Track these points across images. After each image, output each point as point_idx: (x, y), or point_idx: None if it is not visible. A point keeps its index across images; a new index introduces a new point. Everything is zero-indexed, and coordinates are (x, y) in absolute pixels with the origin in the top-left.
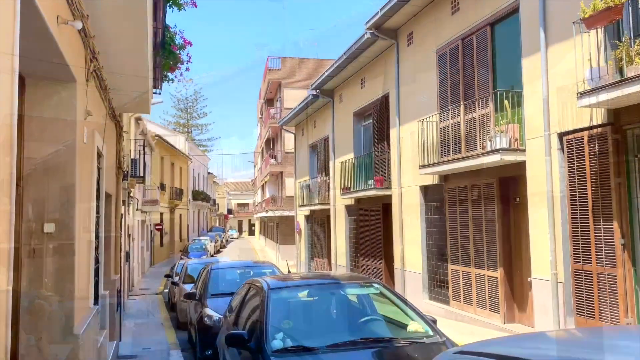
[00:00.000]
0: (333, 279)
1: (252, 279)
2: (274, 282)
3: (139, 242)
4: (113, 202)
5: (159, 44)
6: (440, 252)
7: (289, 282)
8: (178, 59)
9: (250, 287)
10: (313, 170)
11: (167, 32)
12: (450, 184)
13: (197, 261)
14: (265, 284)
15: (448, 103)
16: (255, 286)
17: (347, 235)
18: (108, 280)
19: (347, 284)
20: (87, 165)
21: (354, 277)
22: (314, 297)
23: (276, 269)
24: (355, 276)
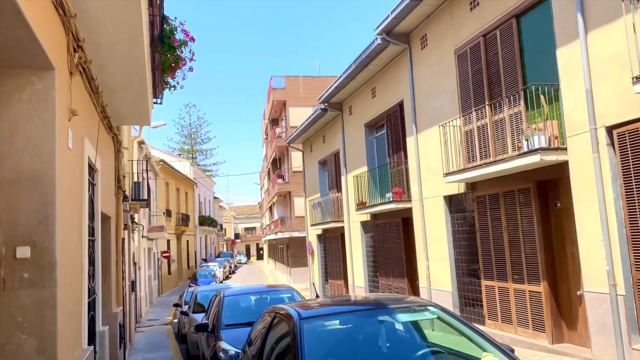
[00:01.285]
0: (377, 304)
1: (275, 306)
2: (305, 310)
3: (145, 271)
4: (113, 224)
5: (157, 38)
6: (471, 267)
7: (323, 308)
8: (179, 57)
9: (274, 316)
10: (324, 187)
11: (166, 23)
12: (478, 192)
13: (207, 288)
14: (294, 312)
15: (471, 105)
16: (281, 315)
17: (364, 253)
18: (108, 314)
19: (396, 309)
20: (73, 177)
21: (402, 300)
22: (356, 327)
23: (296, 293)
24: (403, 299)
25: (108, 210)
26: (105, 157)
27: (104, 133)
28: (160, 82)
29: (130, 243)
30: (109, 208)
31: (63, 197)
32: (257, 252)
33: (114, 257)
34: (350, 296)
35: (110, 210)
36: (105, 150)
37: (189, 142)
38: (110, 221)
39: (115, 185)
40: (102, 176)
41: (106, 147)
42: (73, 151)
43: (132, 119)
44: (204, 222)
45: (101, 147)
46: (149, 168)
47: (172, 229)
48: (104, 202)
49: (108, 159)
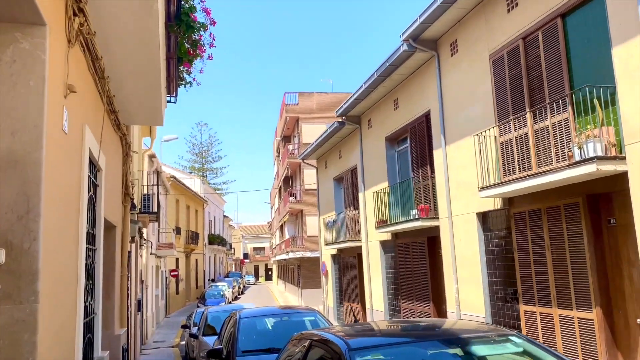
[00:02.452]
0: (444, 333)
1: (309, 332)
2: (354, 339)
3: (153, 290)
4: (118, 234)
5: (174, 15)
6: (508, 291)
7: (376, 337)
8: (197, 41)
9: (310, 344)
10: (339, 204)
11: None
12: (516, 208)
13: (219, 309)
14: (340, 341)
15: (509, 113)
16: (320, 344)
17: (384, 275)
18: (109, 337)
19: (471, 340)
20: (68, 168)
21: (474, 328)
22: None
23: (320, 315)
24: (476, 326)
25: (113, 218)
26: (111, 157)
27: (110, 130)
28: (175, 76)
29: (137, 259)
30: (114, 216)
31: (53, 190)
32: (265, 272)
33: (118, 272)
34: (403, 321)
35: (116, 219)
36: (112, 149)
37: (199, 161)
38: (115, 231)
39: (122, 191)
40: (107, 178)
41: (113, 147)
42: (69, 137)
43: (142, 118)
44: (214, 241)
45: (106, 144)
46: (160, 183)
47: (181, 247)
48: (109, 207)
49: (115, 160)
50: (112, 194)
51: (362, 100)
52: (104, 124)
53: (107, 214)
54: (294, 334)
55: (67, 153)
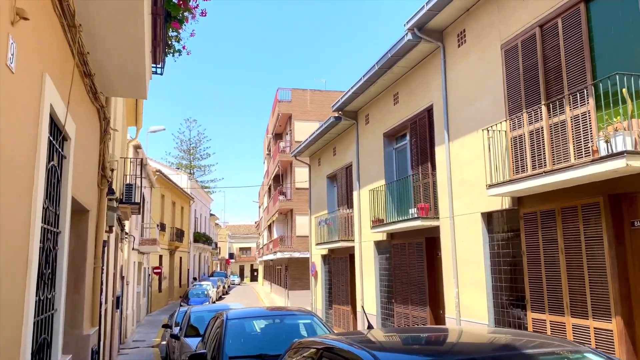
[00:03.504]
0: (503, 347)
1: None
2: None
3: (134, 287)
4: (92, 221)
5: None
6: (515, 297)
7: (415, 353)
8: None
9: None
10: (332, 203)
11: None
12: (527, 208)
13: (203, 308)
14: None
15: (522, 106)
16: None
17: (377, 277)
18: (76, 338)
19: (537, 357)
20: (14, 117)
21: (535, 341)
22: None
23: (317, 319)
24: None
25: (85, 200)
26: (84, 128)
27: (84, 96)
28: (163, 40)
29: (117, 253)
30: (86, 197)
31: None
32: (251, 273)
33: (90, 263)
34: (435, 329)
35: (89, 202)
36: (85, 119)
37: (187, 157)
38: (88, 216)
39: (98, 172)
40: (78, 151)
41: (87, 117)
42: (18, 79)
43: (123, 87)
44: (199, 239)
45: (78, 110)
46: (144, 175)
47: (166, 244)
48: (79, 186)
49: (89, 133)
50: (84, 172)
51: (360, 94)
52: (73, 81)
53: (77, 194)
54: (294, 341)
55: (13, 98)
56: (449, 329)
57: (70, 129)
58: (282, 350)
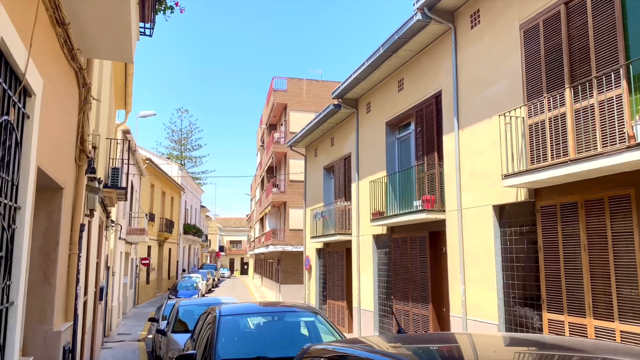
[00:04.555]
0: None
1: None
2: None
3: (120, 278)
4: (67, 200)
5: None
6: (529, 295)
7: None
8: None
9: None
10: (328, 195)
11: None
12: (545, 200)
13: (193, 302)
14: None
15: (542, 91)
16: None
17: (376, 272)
18: (45, 334)
19: None
20: None
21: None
22: None
23: (323, 318)
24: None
25: (57, 175)
26: (56, 88)
27: (55, 46)
28: None
29: (101, 241)
30: (59, 172)
31: None
32: (241, 266)
33: (65, 249)
34: (474, 336)
35: (63, 177)
36: (58, 79)
37: (178, 148)
38: (62, 194)
39: (76, 146)
40: (47, 114)
41: (60, 76)
42: None
43: (106, 48)
44: (189, 231)
45: (47, 63)
46: (134, 162)
47: (155, 235)
48: (49, 158)
49: (64, 96)
50: (56, 142)
51: (362, 80)
52: (38, 20)
53: (47, 166)
54: (308, 345)
55: None
56: (490, 335)
57: (34, 82)
58: (282, 352)
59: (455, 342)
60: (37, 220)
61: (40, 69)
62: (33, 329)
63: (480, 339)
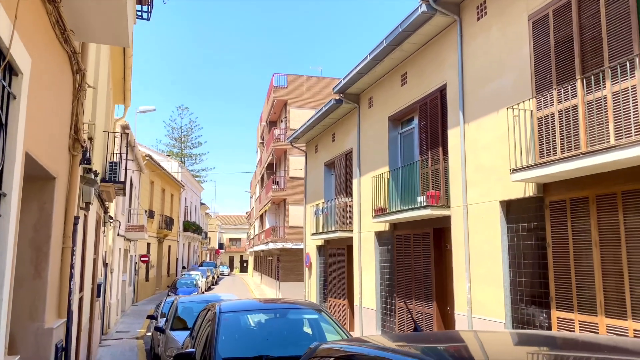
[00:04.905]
0: None
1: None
2: None
3: (119, 275)
4: (60, 191)
5: None
6: (537, 293)
7: None
8: None
9: None
10: (329, 192)
11: None
12: (554, 196)
13: (192, 299)
14: None
15: (551, 83)
16: None
17: (378, 269)
18: (36, 331)
19: None
20: None
21: None
22: None
23: (327, 315)
24: None
25: (49, 164)
26: (47, 70)
27: (45, 23)
28: None
29: (99, 236)
30: (51, 160)
31: None
32: (240, 264)
33: (57, 242)
34: (495, 333)
35: (55, 166)
36: (50, 60)
37: (178, 146)
38: (54, 184)
39: (70, 135)
40: (37, 96)
41: (52, 58)
42: None
43: (100, 30)
44: (189, 228)
45: (36, 41)
46: (132, 158)
47: (154, 232)
48: (40, 144)
49: (56, 80)
50: (48, 128)
51: (365, 74)
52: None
53: (37, 152)
54: (315, 344)
55: None
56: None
57: (21, 59)
58: (285, 351)
59: (466, 340)
60: (27, 211)
61: (29, 46)
62: (23, 326)
63: (490, 336)
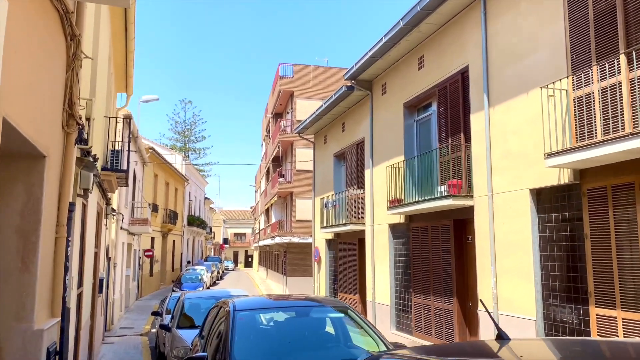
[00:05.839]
0: None
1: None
2: None
3: (122, 269)
4: (51, 172)
5: None
6: (572, 288)
7: None
8: None
9: None
10: (339, 184)
11: None
12: (593, 182)
13: (199, 295)
14: None
15: (591, 59)
16: None
17: (392, 263)
18: (22, 333)
19: None
20: None
21: None
22: None
23: (354, 313)
24: None
25: (37, 139)
26: (31, 24)
27: None
28: None
29: (100, 229)
30: (39, 135)
31: None
32: (245, 259)
33: (48, 231)
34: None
35: (45, 142)
36: (34, 15)
37: (182, 140)
38: (44, 164)
39: (63, 109)
40: (19, 52)
41: (38, 13)
42: None
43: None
44: (193, 223)
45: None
46: (135, 149)
47: (158, 226)
48: (23, 111)
49: (43, 40)
50: (34, 95)
51: (378, 58)
52: None
53: (18, 120)
54: (373, 355)
55: None
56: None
57: None
58: (310, 356)
59: None
60: (12, 195)
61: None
62: (8, 328)
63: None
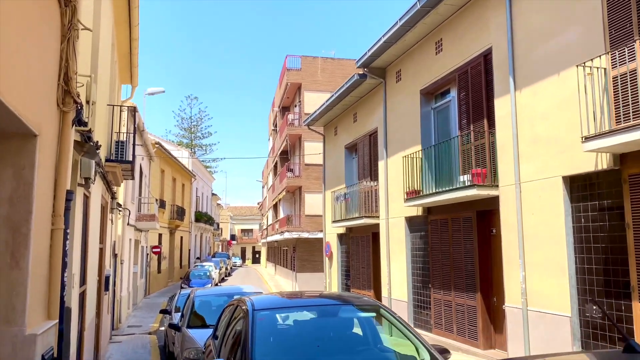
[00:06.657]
0: None
1: None
2: None
3: (130, 267)
4: (44, 152)
5: None
6: (612, 282)
7: None
8: None
9: None
10: (351, 176)
11: None
12: (635, 168)
13: (211, 292)
14: None
15: (632, 33)
16: None
17: (409, 258)
18: (12, 339)
19: None
20: None
21: None
22: None
23: (387, 311)
24: None
25: (26, 114)
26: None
27: None
28: None
29: (105, 223)
30: (28, 109)
31: None
32: (252, 255)
33: (42, 221)
34: None
35: (36, 119)
36: None
37: (188, 136)
38: (35, 144)
39: (59, 84)
40: (3, 17)
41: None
42: None
43: None
44: (201, 219)
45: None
46: (141, 143)
47: (166, 222)
48: (8, 80)
49: (30, 6)
50: (22, 63)
51: (393, 43)
52: None
53: (5, 94)
54: None
55: None
56: None
57: None
58: None
59: None
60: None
61: None
62: None
63: None
